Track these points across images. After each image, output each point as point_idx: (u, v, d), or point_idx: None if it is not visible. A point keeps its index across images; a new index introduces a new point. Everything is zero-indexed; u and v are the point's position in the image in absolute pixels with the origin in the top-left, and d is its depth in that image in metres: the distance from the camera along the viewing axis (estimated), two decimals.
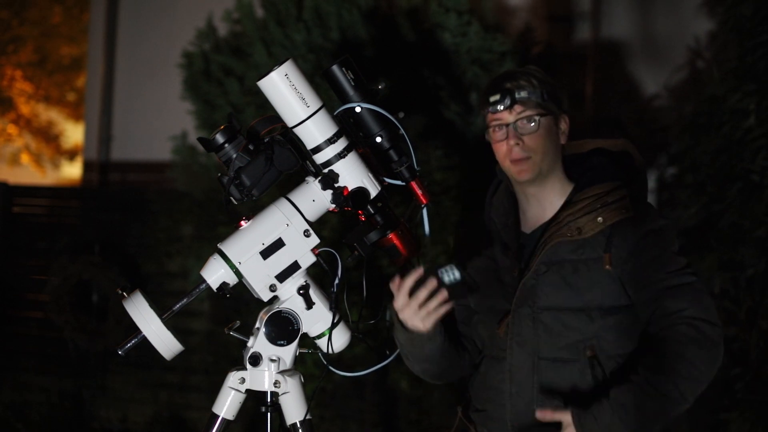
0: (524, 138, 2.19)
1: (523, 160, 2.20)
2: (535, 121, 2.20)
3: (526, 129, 2.20)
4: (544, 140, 2.21)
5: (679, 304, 2.08)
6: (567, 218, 2.19)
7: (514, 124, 2.20)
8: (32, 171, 14.21)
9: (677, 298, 2.09)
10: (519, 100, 2.19)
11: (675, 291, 2.10)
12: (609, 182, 2.23)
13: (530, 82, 2.21)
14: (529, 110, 2.19)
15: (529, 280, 2.18)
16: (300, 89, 2.03)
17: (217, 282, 2.08)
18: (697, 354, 2.04)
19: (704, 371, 2.05)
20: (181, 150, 5.40)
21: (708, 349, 2.05)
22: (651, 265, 2.12)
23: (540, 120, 2.20)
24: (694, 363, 2.04)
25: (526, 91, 2.20)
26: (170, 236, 5.75)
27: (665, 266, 2.12)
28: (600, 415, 2.00)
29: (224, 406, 2.13)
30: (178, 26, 6.22)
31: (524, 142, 2.19)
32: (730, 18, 4.23)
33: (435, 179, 4.41)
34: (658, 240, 2.15)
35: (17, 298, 6.30)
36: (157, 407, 5.71)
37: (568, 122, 2.28)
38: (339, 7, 4.76)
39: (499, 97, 2.19)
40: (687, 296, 2.09)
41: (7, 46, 13.25)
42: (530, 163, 2.20)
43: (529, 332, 2.17)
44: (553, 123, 2.23)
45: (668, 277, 2.11)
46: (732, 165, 4.11)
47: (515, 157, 2.21)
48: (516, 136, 2.20)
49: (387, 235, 2.12)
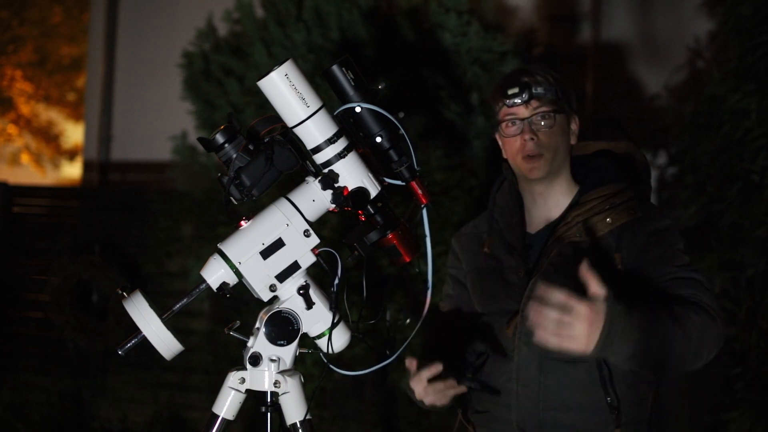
0: (539, 134, 2.20)
1: (535, 157, 2.21)
2: (551, 118, 2.20)
3: (542, 125, 2.20)
4: (558, 138, 2.22)
5: (689, 291, 2.08)
6: (576, 219, 2.20)
7: (530, 119, 2.20)
8: (32, 171, 14.22)
9: (687, 287, 2.09)
10: (536, 95, 2.20)
11: (684, 282, 2.10)
12: (615, 184, 2.24)
13: (547, 78, 2.22)
14: (545, 106, 2.20)
15: (537, 280, 2.18)
16: (300, 89, 2.03)
17: (217, 282, 2.08)
18: (706, 323, 2.01)
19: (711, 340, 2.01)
20: (181, 150, 5.40)
21: (716, 325, 2.03)
22: (659, 260, 2.13)
23: (555, 117, 2.20)
24: (707, 326, 2.00)
25: (543, 88, 2.20)
26: (170, 236, 5.75)
27: (672, 261, 2.14)
28: (630, 313, 1.89)
29: (224, 406, 2.13)
30: (178, 26, 6.22)
31: (539, 137, 2.20)
32: (730, 18, 4.23)
33: (435, 179, 4.40)
34: (665, 238, 2.17)
35: (17, 298, 6.30)
36: (157, 407, 5.71)
37: (578, 123, 2.28)
38: (339, 7, 4.76)
39: (517, 90, 2.19)
40: (696, 288, 2.09)
41: (7, 46, 13.25)
42: (542, 161, 2.21)
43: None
44: (565, 122, 2.24)
45: (677, 270, 2.12)
46: (732, 165, 4.11)
47: (528, 152, 2.21)
48: (531, 131, 2.20)
49: (387, 235, 2.12)
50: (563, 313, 1.80)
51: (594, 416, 2.15)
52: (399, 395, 4.70)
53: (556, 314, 1.81)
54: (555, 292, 1.82)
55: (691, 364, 2.02)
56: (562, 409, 2.15)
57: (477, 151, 4.62)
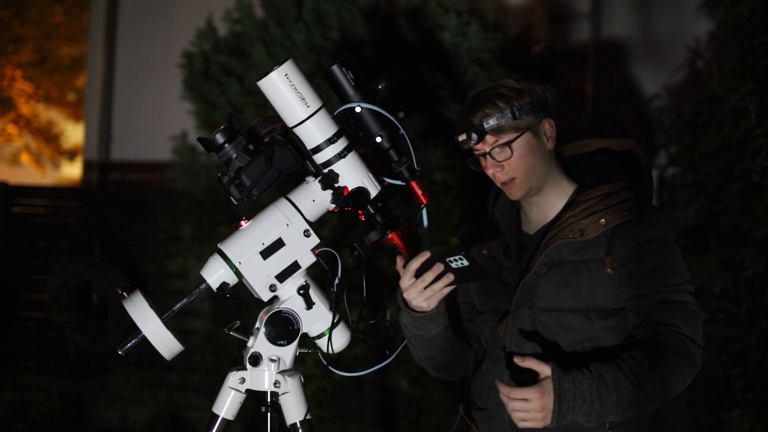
0: (503, 164, 2.18)
1: (509, 182, 2.20)
2: (508, 149, 2.17)
3: (501, 156, 2.18)
4: (524, 160, 2.18)
5: (674, 320, 2.09)
6: (569, 219, 2.18)
7: (490, 153, 2.19)
8: (32, 171, 14.21)
9: (673, 314, 2.09)
10: (488, 130, 2.16)
11: (671, 307, 2.10)
12: (613, 183, 2.22)
13: (497, 105, 2.16)
14: (502, 137, 2.16)
15: (529, 280, 2.18)
16: (300, 89, 2.03)
17: (217, 282, 2.08)
18: (680, 366, 2.05)
19: (679, 383, 2.06)
20: (181, 150, 5.40)
21: (690, 366, 2.07)
22: (650, 275, 2.11)
23: (513, 144, 2.17)
24: (674, 372, 2.05)
25: (494, 118, 2.15)
26: (170, 236, 5.75)
27: (664, 279, 2.12)
28: (579, 381, 1.98)
29: (224, 406, 2.13)
30: (178, 26, 6.22)
31: (503, 168, 2.19)
32: (730, 18, 4.23)
33: (435, 179, 4.41)
34: (659, 251, 2.14)
35: (17, 298, 6.30)
36: (157, 407, 5.71)
37: (553, 124, 2.22)
38: (339, 7, 4.76)
39: (465, 137, 2.17)
40: (682, 315, 2.10)
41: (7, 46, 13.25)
42: (516, 183, 2.20)
43: (528, 333, 2.17)
44: (532, 137, 2.18)
45: (666, 290, 2.11)
46: (732, 165, 4.11)
47: (500, 180, 2.21)
48: (494, 164, 2.19)
49: (387, 235, 2.12)
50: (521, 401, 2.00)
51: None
52: (399, 395, 4.70)
53: (517, 404, 2.00)
54: (509, 389, 2.01)
55: (660, 403, 2.10)
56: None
57: None
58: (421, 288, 2.08)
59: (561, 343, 2.15)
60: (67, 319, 5.65)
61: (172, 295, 5.22)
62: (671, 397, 2.08)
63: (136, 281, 5.65)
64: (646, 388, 2.02)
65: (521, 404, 1.99)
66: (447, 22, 4.65)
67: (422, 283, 2.08)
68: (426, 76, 4.67)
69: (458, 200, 4.41)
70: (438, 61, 4.69)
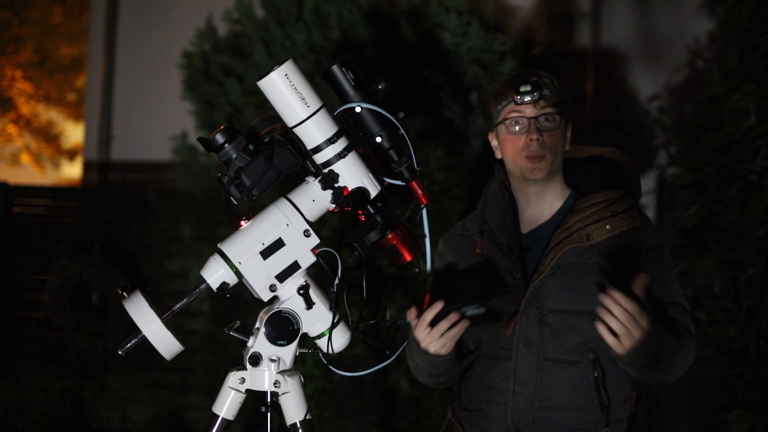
0: (544, 135, 2.23)
1: (538, 158, 2.24)
2: (556, 120, 2.24)
3: (547, 126, 2.24)
4: (560, 140, 2.27)
5: (681, 317, 2.21)
6: (577, 224, 2.23)
7: (536, 119, 2.22)
8: (32, 171, 14.21)
9: (679, 313, 2.22)
10: (544, 96, 2.23)
11: (677, 307, 2.22)
12: (614, 190, 2.27)
13: (553, 82, 2.27)
14: (552, 108, 2.23)
15: (537, 282, 2.21)
16: (300, 89, 2.03)
17: (217, 282, 2.08)
18: (691, 349, 2.20)
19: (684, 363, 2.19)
20: (181, 150, 5.40)
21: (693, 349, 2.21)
22: (658, 281, 2.19)
23: (559, 120, 2.24)
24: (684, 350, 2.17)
25: (550, 90, 2.25)
26: (170, 236, 5.75)
27: (668, 284, 2.23)
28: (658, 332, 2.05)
29: (224, 406, 2.13)
30: (178, 26, 6.22)
31: (543, 138, 2.23)
32: (730, 18, 4.23)
33: (435, 179, 4.41)
34: (661, 258, 2.25)
35: (17, 298, 6.30)
36: (157, 407, 5.71)
37: (571, 131, 2.33)
38: (339, 7, 4.76)
39: (529, 88, 2.21)
40: (684, 314, 2.23)
41: (7, 46, 13.25)
42: (544, 162, 2.24)
43: (536, 333, 2.20)
44: (565, 126, 2.29)
45: (671, 294, 2.22)
46: (732, 165, 4.11)
47: (532, 154, 2.23)
48: (537, 130, 2.23)
49: (387, 235, 2.12)
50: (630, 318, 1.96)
51: (585, 415, 2.20)
52: (399, 395, 4.70)
53: (626, 318, 1.96)
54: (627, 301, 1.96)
55: (671, 379, 2.21)
56: (556, 408, 2.19)
57: (477, 151, 4.62)
58: (437, 336, 2.11)
59: (567, 343, 2.19)
60: (67, 319, 5.64)
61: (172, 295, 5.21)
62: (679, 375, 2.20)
63: (136, 281, 5.65)
64: (683, 358, 2.17)
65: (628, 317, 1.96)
66: (447, 22, 4.65)
67: (438, 332, 2.10)
68: (426, 76, 4.67)
69: (458, 200, 4.40)
70: (438, 61, 4.69)
